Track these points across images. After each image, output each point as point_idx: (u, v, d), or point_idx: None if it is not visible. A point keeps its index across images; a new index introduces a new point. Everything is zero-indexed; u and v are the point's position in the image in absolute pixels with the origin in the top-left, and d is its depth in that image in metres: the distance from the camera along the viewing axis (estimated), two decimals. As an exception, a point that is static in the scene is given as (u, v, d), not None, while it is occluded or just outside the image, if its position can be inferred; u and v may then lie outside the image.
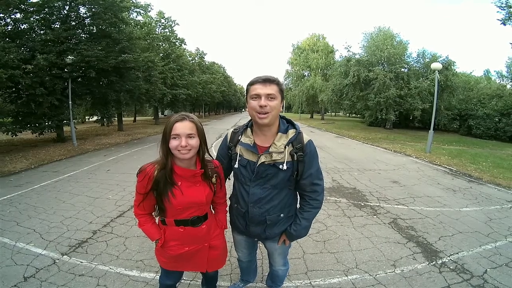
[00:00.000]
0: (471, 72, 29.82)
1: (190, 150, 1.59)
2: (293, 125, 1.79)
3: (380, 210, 4.90)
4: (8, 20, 11.45)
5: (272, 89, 1.62)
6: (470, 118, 22.34)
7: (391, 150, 12.20)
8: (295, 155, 1.71)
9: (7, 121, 12.41)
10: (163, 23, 28.56)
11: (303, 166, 1.74)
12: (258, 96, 1.63)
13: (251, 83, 1.68)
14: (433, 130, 11.67)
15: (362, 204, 5.19)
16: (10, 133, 11.50)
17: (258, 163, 1.72)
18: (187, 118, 1.61)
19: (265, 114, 1.62)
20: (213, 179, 1.79)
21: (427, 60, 22.47)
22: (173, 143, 1.56)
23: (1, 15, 10.74)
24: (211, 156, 1.84)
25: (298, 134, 1.74)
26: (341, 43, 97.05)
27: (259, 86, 1.63)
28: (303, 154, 1.72)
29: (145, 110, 45.99)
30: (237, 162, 1.81)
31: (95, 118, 20.17)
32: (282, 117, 1.81)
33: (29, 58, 10.79)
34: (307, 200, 1.85)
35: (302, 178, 1.78)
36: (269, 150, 1.71)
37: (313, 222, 1.96)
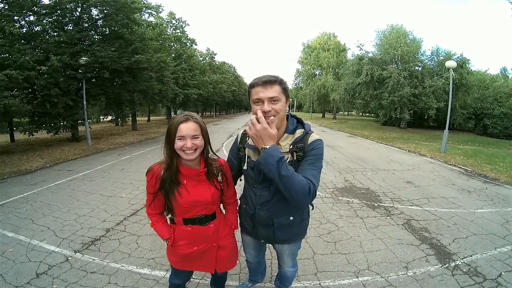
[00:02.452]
0: (486, 70, 29.08)
1: (195, 150, 1.59)
2: (303, 125, 1.73)
3: (394, 211, 4.82)
4: (23, 22, 11.71)
5: (274, 91, 1.53)
6: (486, 117, 21.83)
7: (406, 150, 12.02)
8: (295, 153, 1.64)
9: (24, 121, 12.76)
10: (174, 23, 28.80)
11: (298, 166, 1.62)
12: (260, 101, 1.55)
13: (252, 86, 1.59)
14: (448, 129, 11.43)
15: (376, 204, 5.12)
16: (26, 132, 11.84)
17: None
18: (191, 118, 1.59)
19: (270, 118, 1.53)
20: (219, 178, 1.79)
21: (441, 58, 22.02)
22: (178, 144, 1.56)
23: (16, 17, 10.99)
24: (216, 155, 1.84)
25: (305, 134, 1.67)
26: (353, 42, 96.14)
27: (260, 89, 1.54)
28: (303, 155, 1.63)
29: (158, 110, 46.43)
30: (245, 164, 1.78)
31: (109, 118, 20.48)
32: (293, 116, 1.76)
33: (43, 59, 11.02)
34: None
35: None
36: None
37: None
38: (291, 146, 1.65)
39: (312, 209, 1.98)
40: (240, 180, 2.04)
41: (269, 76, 1.57)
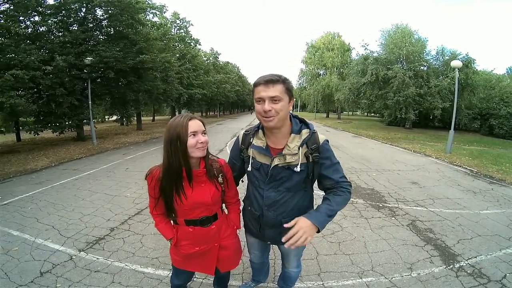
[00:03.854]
0: (492, 70, 28.71)
1: (205, 146, 1.61)
2: (307, 125, 1.71)
3: (399, 211, 4.79)
4: (28, 22, 11.83)
5: (276, 91, 1.50)
6: (492, 118, 21.68)
7: (411, 150, 11.95)
8: (310, 156, 1.64)
9: (30, 121, 12.87)
10: (178, 24, 28.91)
11: (320, 168, 1.67)
12: (261, 100, 1.53)
13: (255, 85, 1.58)
14: (453, 129, 11.34)
15: (380, 205, 5.09)
16: (32, 132, 11.94)
17: (272, 166, 1.67)
18: (195, 117, 1.60)
19: (270, 117, 1.53)
20: (219, 179, 1.77)
21: (447, 58, 21.81)
22: (191, 141, 1.54)
23: (21, 17, 11.09)
24: (215, 156, 1.83)
25: (313, 134, 1.66)
26: (357, 42, 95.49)
27: (262, 88, 1.52)
28: (319, 154, 1.65)
29: (163, 110, 46.57)
30: (250, 165, 1.77)
31: (114, 117, 20.59)
32: (294, 117, 1.74)
33: (49, 59, 11.11)
34: (338, 188, 1.71)
35: (324, 179, 1.71)
36: (283, 153, 1.64)
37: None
38: (306, 150, 1.64)
39: None
40: (242, 181, 2.03)
41: (272, 75, 1.54)
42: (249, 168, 1.78)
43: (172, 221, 1.86)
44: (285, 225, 1.58)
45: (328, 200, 1.66)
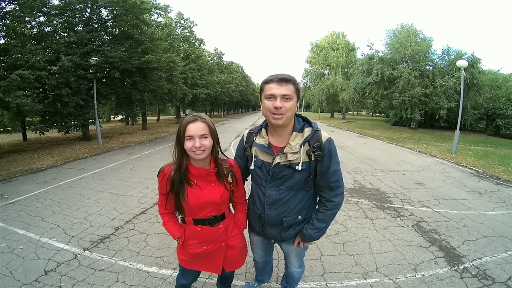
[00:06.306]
0: (498, 70, 28.40)
1: (204, 150, 1.59)
2: (309, 123, 1.72)
3: (404, 212, 4.75)
4: (33, 23, 11.93)
5: (288, 89, 1.54)
6: (498, 118, 21.44)
7: (416, 151, 11.87)
8: (312, 154, 1.63)
9: (35, 120, 12.99)
10: (183, 24, 28.96)
11: (322, 166, 1.66)
12: (273, 97, 1.55)
13: (266, 82, 1.60)
14: (459, 130, 11.27)
15: (385, 205, 5.06)
16: (38, 131, 12.04)
17: (273, 164, 1.68)
18: (199, 118, 1.60)
19: (279, 115, 1.56)
20: (229, 178, 1.79)
21: (452, 57, 21.70)
22: (187, 144, 1.57)
23: (27, 18, 11.18)
24: (225, 156, 1.83)
25: (315, 132, 1.66)
26: (362, 41, 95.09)
27: (274, 86, 1.55)
28: (322, 153, 1.64)
29: (168, 109, 46.71)
30: (252, 163, 1.78)
31: (119, 117, 20.71)
32: (297, 115, 1.74)
33: (54, 59, 11.18)
34: (323, 202, 1.78)
35: (319, 178, 1.71)
36: (284, 151, 1.65)
37: (332, 223, 1.89)
38: (308, 148, 1.64)
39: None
40: (246, 180, 2.04)
41: (285, 74, 1.58)
42: (252, 167, 1.79)
43: (180, 220, 1.88)
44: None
45: (312, 220, 1.82)
